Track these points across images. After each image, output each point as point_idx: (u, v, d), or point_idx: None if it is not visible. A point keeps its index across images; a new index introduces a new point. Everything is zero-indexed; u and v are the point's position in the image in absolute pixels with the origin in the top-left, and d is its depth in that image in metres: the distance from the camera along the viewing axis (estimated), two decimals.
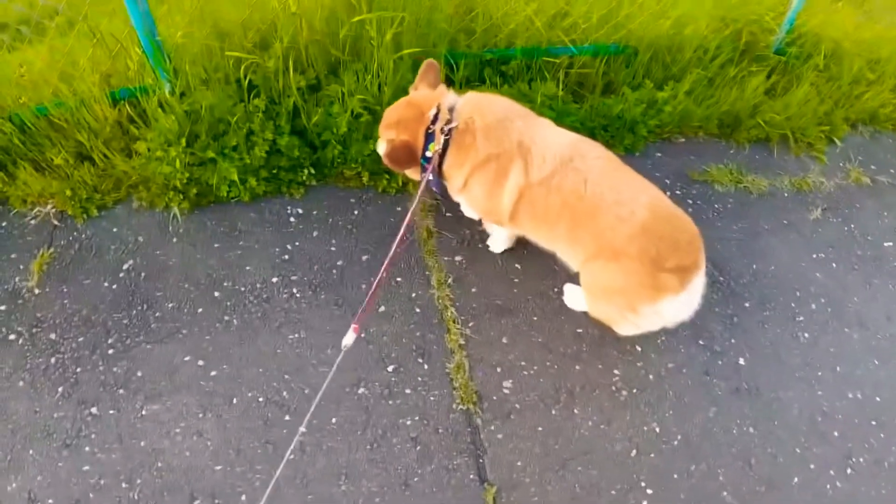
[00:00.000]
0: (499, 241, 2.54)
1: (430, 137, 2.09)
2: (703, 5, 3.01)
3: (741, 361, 2.39)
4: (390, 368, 2.26)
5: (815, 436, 2.26)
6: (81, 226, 2.64)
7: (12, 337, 2.36)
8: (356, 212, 2.70)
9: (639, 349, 2.35)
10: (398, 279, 2.47)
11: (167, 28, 2.59)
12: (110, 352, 2.31)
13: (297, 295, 2.42)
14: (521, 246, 2.57)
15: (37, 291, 2.47)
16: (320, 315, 2.37)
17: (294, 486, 2.04)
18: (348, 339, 1.74)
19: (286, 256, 2.52)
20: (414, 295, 2.43)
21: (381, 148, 2.29)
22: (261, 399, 2.20)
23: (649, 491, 2.10)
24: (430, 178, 2.17)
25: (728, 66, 3.04)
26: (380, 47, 2.43)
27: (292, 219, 2.66)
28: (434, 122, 2.08)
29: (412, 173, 2.32)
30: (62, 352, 2.32)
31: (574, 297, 2.40)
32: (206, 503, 2.02)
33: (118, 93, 2.70)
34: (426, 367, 2.26)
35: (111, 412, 2.18)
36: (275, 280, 2.46)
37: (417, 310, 2.40)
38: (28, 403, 2.21)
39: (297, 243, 2.55)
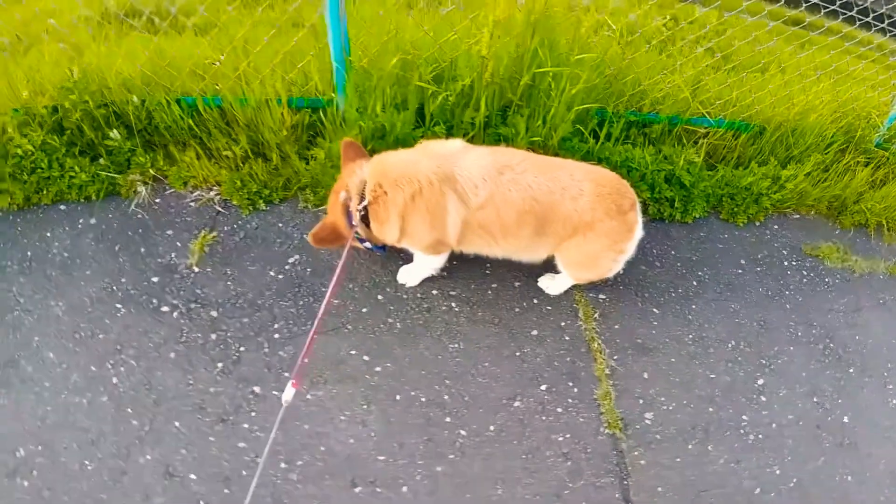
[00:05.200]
0: (421, 274, 2.67)
1: (350, 216, 2.27)
2: (822, 97, 3.34)
3: (846, 419, 2.62)
4: (543, 387, 2.47)
5: (895, 489, 2.50)
6: (247, 216, 2.84)
7: (165, 309, 2.52)
8: None
9: (763, 399, 2.58)
10: (548, 307, 2.70)
11: (355, 50, 2.84)
12: (276, 336, 2.48)
13: (456, 309, 2.64)
14: (660, 292, 2.83)
15: (196, 270, 2.64)
16: (477, 331, 2.58)
17: (454, 484, 2.21)
18: (288, 394, 1.79)
19: (444, 273, 2.72)
20: (563, 324, 2.65)
21: None
22: (423, 399, 2.38)
23: None
24: (370, 246, 2.46)
25: (839, 154, 3.35)
26: (557, 98, 2.69)
27: None
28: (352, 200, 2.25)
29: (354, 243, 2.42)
30: (224, 329, 2.48)
31: (551, 284, 2.70)
32: (368, 491, 2.17)
33: (307, 101, 2.94)
34: (575, 390, 2.47)
35: (274, 393, 2.33)
36: (434, 292, 2.68)
37: (567, 337, 2.61)
38: (179, 376, 2.33)
39: (454, 262, 2.75)
